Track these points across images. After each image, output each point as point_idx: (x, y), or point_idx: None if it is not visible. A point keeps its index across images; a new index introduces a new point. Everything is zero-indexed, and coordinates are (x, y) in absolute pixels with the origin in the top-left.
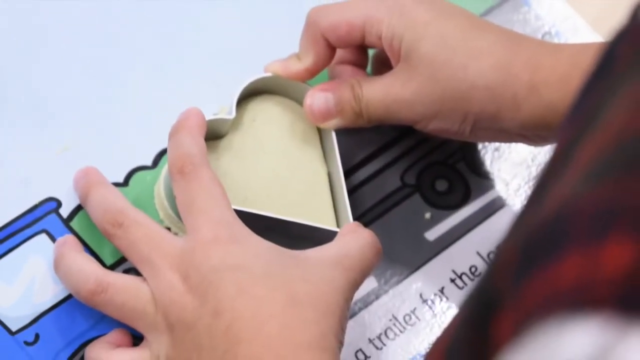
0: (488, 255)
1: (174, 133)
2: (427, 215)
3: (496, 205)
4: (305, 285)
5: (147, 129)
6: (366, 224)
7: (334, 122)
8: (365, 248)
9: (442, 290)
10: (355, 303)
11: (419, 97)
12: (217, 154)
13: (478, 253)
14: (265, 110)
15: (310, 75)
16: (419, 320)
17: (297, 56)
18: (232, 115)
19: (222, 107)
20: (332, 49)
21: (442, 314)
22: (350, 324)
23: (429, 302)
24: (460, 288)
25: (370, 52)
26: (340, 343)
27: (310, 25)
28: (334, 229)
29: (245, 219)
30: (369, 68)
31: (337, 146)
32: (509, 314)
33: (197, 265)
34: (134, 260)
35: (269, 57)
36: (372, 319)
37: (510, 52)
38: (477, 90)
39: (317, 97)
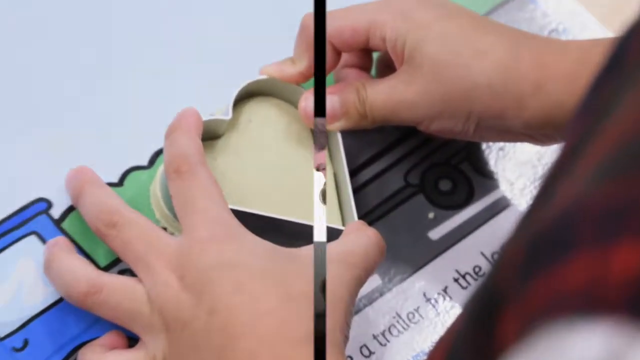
0: (492, 255)
1: (170, 132)
2: (431, 215)
3: (500, 206)
4: (301, 282)
5: (143, 128)
6: (370, 223)
7: (339, 124)
8: (369, 246)
9: (445, 290)
10: (360, 300)
11: (422, 97)
12: (214, 153)
13: (482, 253)
14: (260, 111)
15: (304, 78)
16: (423, 318)
17: (292, 60)
18: (229, 116)
19: (218, 109)
20: (337, 53)
21: (446, 313)
22: (355, 319)
23: (432, 301)
24: (464, 288)
25: (375, 55)
26: (346, 337)
27: (304, 30)
28: (339, 227)
29: (242, 218)
30: (373, 71)
31: (342, 147)
32: (513, 315)
33: (193, 263)
34: (129, 260)
35: (265, 60)
36: (376, 316)
37: (514, 50)
38: (479, 89)
39: (311, 100)
